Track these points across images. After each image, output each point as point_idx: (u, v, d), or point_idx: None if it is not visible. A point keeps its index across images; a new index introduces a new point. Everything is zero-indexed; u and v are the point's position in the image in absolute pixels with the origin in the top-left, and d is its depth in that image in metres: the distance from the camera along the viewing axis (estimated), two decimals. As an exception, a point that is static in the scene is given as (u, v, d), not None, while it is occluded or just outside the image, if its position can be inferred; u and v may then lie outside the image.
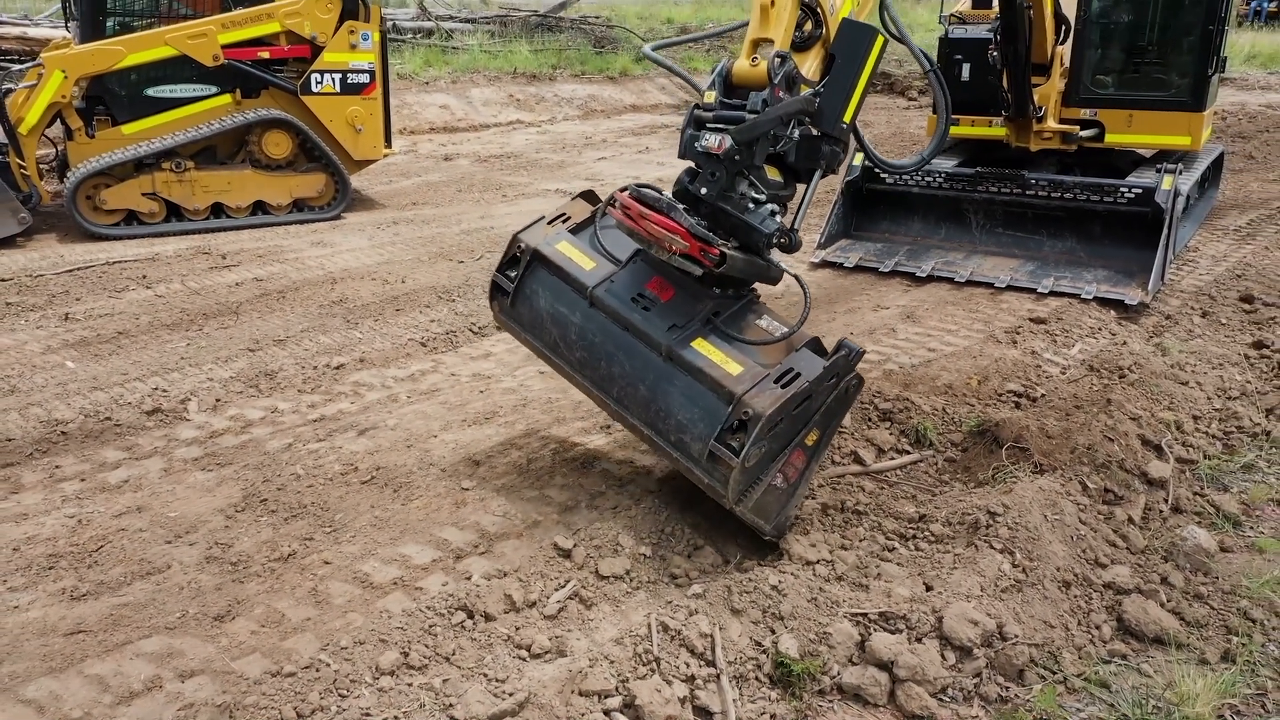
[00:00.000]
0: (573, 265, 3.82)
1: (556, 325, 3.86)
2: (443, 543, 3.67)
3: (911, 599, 3.40)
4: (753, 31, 3.74)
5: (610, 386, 3.70)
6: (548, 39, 19.00)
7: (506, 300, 4.03)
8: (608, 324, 3.70)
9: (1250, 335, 6.05)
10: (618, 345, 3.66)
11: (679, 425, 3.47)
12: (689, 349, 3.48)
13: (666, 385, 3.52)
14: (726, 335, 3.53)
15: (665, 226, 3.39)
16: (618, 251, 3.82)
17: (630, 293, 3.68)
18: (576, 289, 3.78)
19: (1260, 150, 12.50)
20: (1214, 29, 7.17)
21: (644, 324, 3.58)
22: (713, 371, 3.42)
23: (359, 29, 8.57)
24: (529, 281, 3.95)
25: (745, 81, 3.65)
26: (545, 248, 3.90)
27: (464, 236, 8.16)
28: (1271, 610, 3.60)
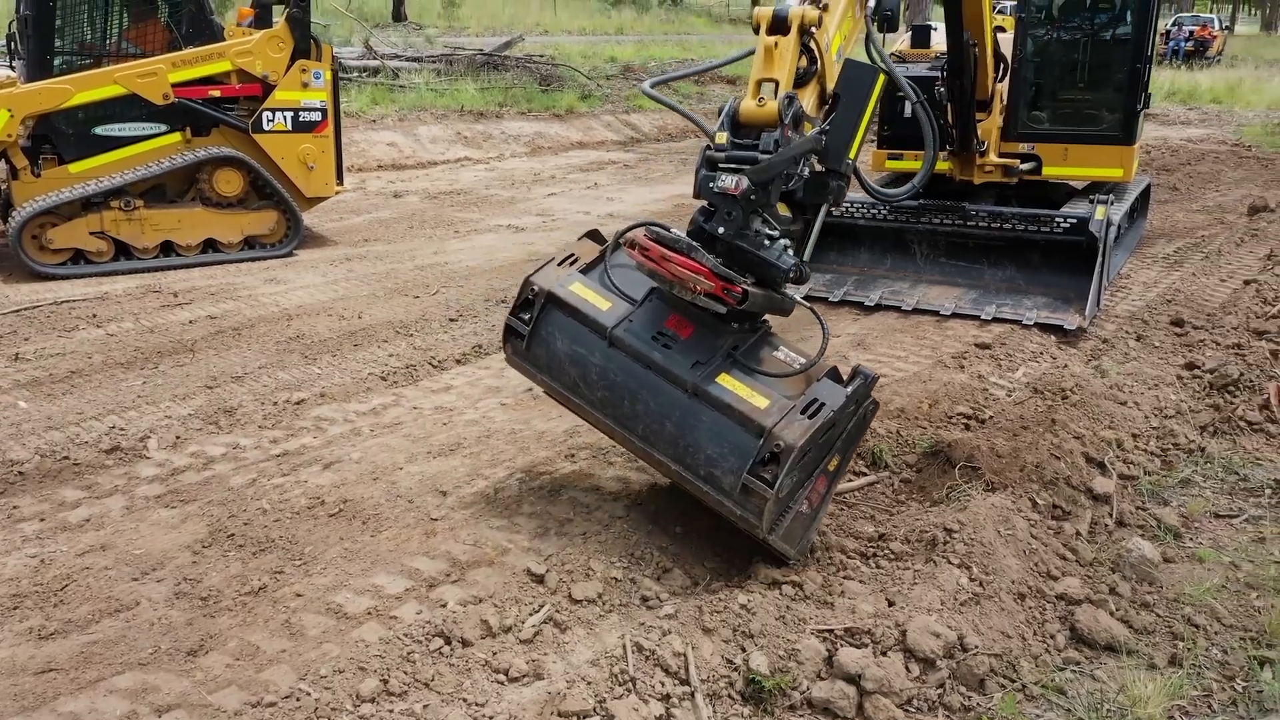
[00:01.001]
0: (589, 306, 3.86)
1: (575, 366, 3.89)
2: (414, 572, 3.71)
3: (875, 614, 3.51)
4: (757, 72, 3.83)
5: (635, 424, 3.75)
6: (493, 77, 19.16)
7: (521, 343, 4.05)
8: (629, 363, 3.75)
9: (1182, 357, 6.33)
10: (641, 383, 3.72)
11: (709, 459, 3.54)
12: (715, 384, 3.56)
13: (694, 421, 3.58)
14: (748, 368, 3.62)
15: (689, 268, 3.46)
16: (631, 290, 3.88)
17: (650, 331, 3.74)
18: (595, 330, 3.83)
19: (1183, 182, 13.06)
20: (1141, 67, 7.56)
21: (667, 362, 3.66)
22: (740, 406, 3.50)
23: (311, 68, 8.62)
24: (544, 324, 3.97)
25: (752, 121, 3.73)
26: (559, 290, 3.93)
27: (418, 272, 8.20)
28: (1213, 616, 3.78)
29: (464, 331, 6.69)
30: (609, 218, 10.61)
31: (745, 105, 3.75)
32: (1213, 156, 15.19)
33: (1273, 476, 4.94)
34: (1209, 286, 7.87)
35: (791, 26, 3.82)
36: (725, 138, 3.70)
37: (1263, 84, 25.17)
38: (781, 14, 3.82)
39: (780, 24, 3.83)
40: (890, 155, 8.53)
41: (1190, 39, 35.23)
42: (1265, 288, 7.39)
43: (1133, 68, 7.62)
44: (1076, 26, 8.01)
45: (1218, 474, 5.00)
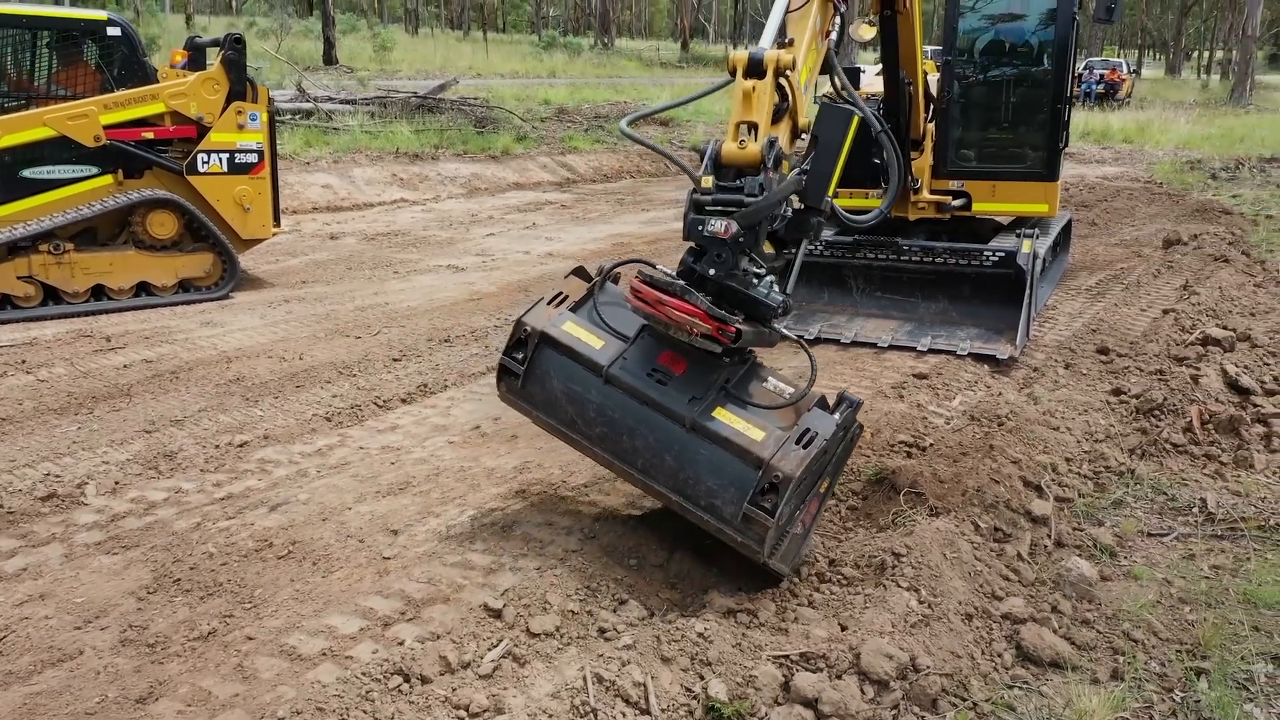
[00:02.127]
0: (582, 345, 3.98)
1: (572, 403, 3.99)
2: (369, 611, 3.67)
3: (829, 639, 3.57)
4: (736, 115, 3.95)
5: (634, 458, 3.86)
6: (428, 119, 19.20)
7: (516, 381, 4.13)
8: (626, 400, 3.87)
9: (1109, 384, 6.57)
10: (639, 419, 3.84)
11: (709, 491, 3.69)
12: (712, 419, 3.71)
13: (693, 455, 3.73)
14: (741, 401, 3.77)
15: (685, 311, 3.59)
16: (621, 326, 4.01)
17: (644, 368, 3.87)
18: (590, 368, 3.94)
19: (1101, 217, 13.59)
20: (1061, 107, 7.91)
21: (664, 399, 3.79)
22: (738, 439, 3.65)
23: (247, 109, 8.57)
24: (539, 363, 4.07)
25: (734, 163, 3.89)
26: (552, 330, 4.03)
27: (359, 313, 8.15)
28: (1150, 631, 3.92)
29: (408, 371, 6.66)
30: (549, 257, 10.67)
31: (727, 148, 3.89)
32: (1127, 193, 15.83)
33: (1198, 496, 5.15)
34: (1130, 316, 8.20)
35: (768, 70, 3.96)
36: (711, 181, 3.83)
37: (1170, 124, 26.37)
38: (757, 58, 3.97)
39: (756, 67, 3.97)
40: None
41: (1101, 82, 36.81)
42: (1183, 316, 7.71)
43: (1054, 108, 7.96)
44: (998, 69, 8.36)
45: (1147, 494, 5.19)
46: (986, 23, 8.45)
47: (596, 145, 20.02)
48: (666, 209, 14.44)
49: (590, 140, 20.39)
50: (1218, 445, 5.74)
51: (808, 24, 4.47)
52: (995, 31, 8.47)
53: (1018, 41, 8.47)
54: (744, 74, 4.00)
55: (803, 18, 4.49)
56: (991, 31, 8.48)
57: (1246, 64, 39.37)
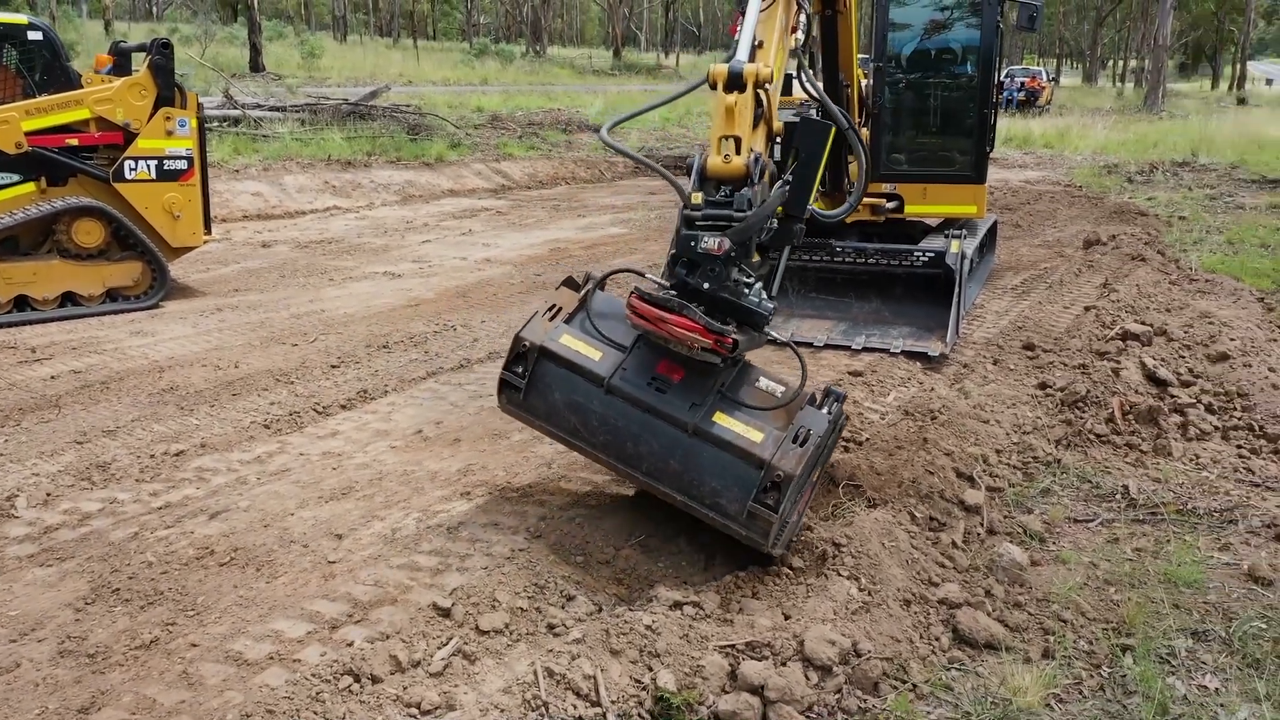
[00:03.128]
0: (582, 358, 4.12)
1: (575, 413, 4.14)
2: (315, 615, 3.65)
3: (774, 628, 3.65)
4: (719, 129, 4.05)
5: (639, 463, 4.04)
6: (360, 127, 19.00)
7: (518, 395, 4.25)
8: (628, 409, 4.03)
9: (1035, 378, 6.80)
10: (642, 427, 4.01)
11: (714, 491, 3.90)
12: (712, 424, 3.91)
13: (696, 458, 3.93)
14: (738, 404, 3.97)
15: (685, 327, 3.76)
16: (616, 335, 4.16)
17: (644, 378, 4.04)
18: (591, 380, 4.08)
19: (1025, 220, 14.02)
20: (988, 111, 8.17)
21: (665, 406, 3.97)
22: (739, 442, 3.86)
23: (176, 115, 8.42)
24: (540, 376, 4.21)
25: (719, 177, 4.01)
26: (550, 344, 4.17)
27: (294, 320, 8.06)
28: (1078, 611, 4.08)
29: (347, 377, 6.61)
30: (486, 263, 10.66)
31: (712, 162, 4.00)
32: (1049, 196, 16.35)
33: (1121, 483, 5.37)
34: (1054, 313, 8.48)
35: (748, 84, 4.07)
36: (700, 197, 3.95)
37: (1088, 130, 27.23)
38: (737, 71, 4.07)
39: (736, 80, 4.06)
40: None
41: (1022, 89, 37.88)
42: (1103, 313, 8.00)
43: (980, 113, 8.22)
44: (926, 76, 8.60)
45: (1073, 483, 5.39)
46: (915, 31, 8.70)
47: (531, 152, 20.02)
48: (603, 214, 14.51)
49: (525, 147, 20.38)
50: (1138, 435, 5.99)
51: (774, 24, 4.65)
52: (923, 40, 8.72)
53: (945, 49, 8.74)
54: (724, 88, 4.09)
55: (769, 18, 4.66)
56: (919, 40, 8.73)
57: (1159, 72, 40.83)
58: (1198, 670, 3.73)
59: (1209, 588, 4.32)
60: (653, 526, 4.42)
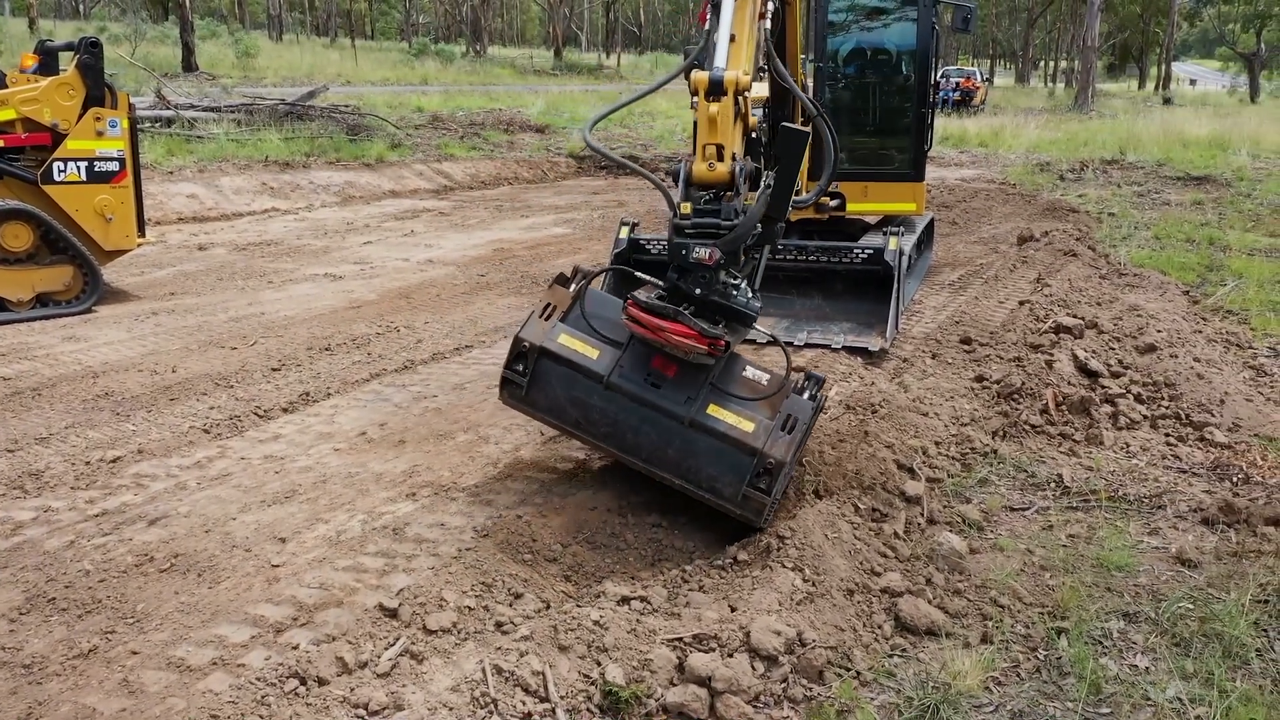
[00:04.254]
0: (580, 356, 4.39)
1: (576, 407, 4.42)
2: (259, 619, 3.61)
3: (720, 620, 3.70)
4: (703, 137, 4.19)
5: (638, 452, 4.34)
6: (298, 127, 18.73)
7: (519, 391, 4.52)
8: (627, 403, 4.32)
9: (972, 371, 6.95)
10: (640, 419, 4.31)
11: (710, 477, 4.24)
12: (706, 416, 4.22)
13: (693, 447, 4.25)
14: (729, 395, 4.27)
15: (681, 334, 4.04)
16: (611, 332, 4.42)
17: (640, 374, 4.32)
18: (590, 377, 4.36)
19: (961, 217, 14.30)
20: (926, 111, 8.33)
21: (662, 400, 4.27)
22: (732, 433, 4.19)
23: (106, 115, 8.23)
24: (541, 375, 4.47)
25: (705, 183, 4.19)
26: (549, 344, 4.43)
27: (233, 324, 7.93)
28: (1015, 597, 4.19)
29: (288, 380, 6.53)
30: (429, 264, 10.59)
31: (698, 169, 4.17)
32: (984, 194, 16.69)
33: (1055, 472, 5.51)
34: (990, 308, 8.67)
35: (728, 92, 4.20)
36: (689, 207, 4.16)
37: (1021, 130, 27.84)
38: (718, 79, 4.21)
39: (717, 88, 4.20)
40: None
41: (957, 89, 38.61)
42: (1037, 307, 8.20)
43: (918, 112, 8.38)
44: (865, 76, 8.74)
45: (1009, 472, 5.53)
46: (853, 32, 8.83)
47: (473, 152, 19.90)
48: (546, 214, 14.49)
49: (467, 147, 20.25)
50: (1071, 425, 6.15)
51: (745, 14, 4.73)
52: (861, 40, 8.86)
53: (882, 50, 8.89)
54: (705, 96, 4.20)
55: (740, 8, 4.72)
56: (858, 40, 8.87)
57: (1088, 73, 41.91)
58: (1129, 650, 3.85)
59: (1139, 571, 4.46)
60: (600, 524, 4.44)
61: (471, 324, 8.09)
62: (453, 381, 6.58)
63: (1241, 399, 6.53)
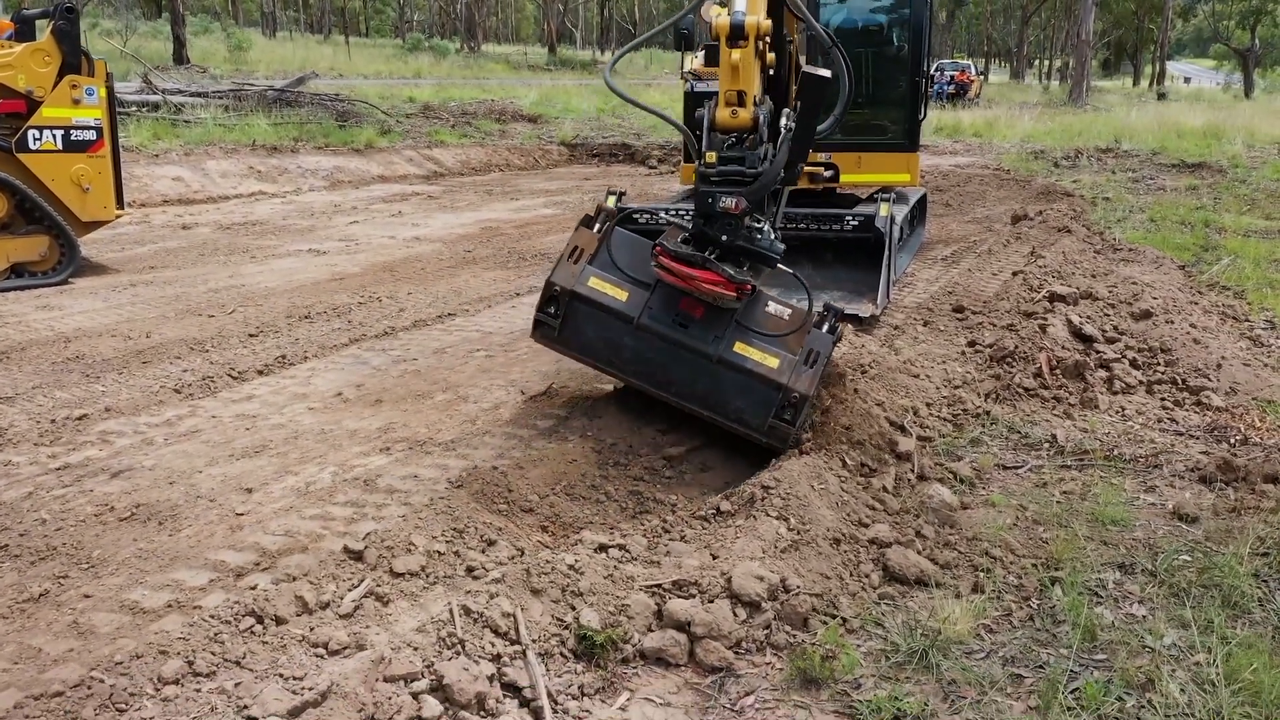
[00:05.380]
0: (609, 299, 4.52)
1: (607, 347, 4.59)
2: (219, 564, 3.46)
3: (701, 567, 3.55)
4: (725, 84, 4.22)
5: (668, 386, 4.53)
6: (287, 113, 18.56)
7: (552, 332, 4.66)
8: (656, 343, 4.48)
9: (964, 337, 6.82)
10: (670, 357, 4.48)
11: (738, 409, 4.42)
12: (733, 353, 4.39)
13: (720, 383, 4.42)
14: (754, 332, 4.43)
15: (711, 281, 4.18)
16: (638, 273, 4.53)
17: (669, 315, 4.45)
18: (621, 319, 4.50)
19: (955, 200, 14.18)
20: (920, 79, 8.19)
21: (690, 340, 4.42)
22: (758, 369, 4.36)
23: (83, 83, 8.07)
24: (572, 317, 4.60)
25: (728, 129, 4.25)
26: (580, 288, 4.54)
27: (212, 294, 7.77)
28: (1008, 549, 4.05)
29: (265, 345, 6.38)
30: (415, 241, 10.43)
31: (720, 116, 4.20)
32: (978, 179, 16.57)
33: (1049, 433, 5.38)
34: (983, 280, 8.54)
35: (749, 37, 4.21)
36: (715, 156, 4.21)
37: (1015, 121, 27.74)
38: (739, 24, 4.21)
39: (739, 32, 4.20)
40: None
41: (952, 83, 38.54)
42: (1031, 277, 8.07)
43: (912, 80, 8.24)
44: (860, 45, 8.59)
45: (1002, 433, 5.39)
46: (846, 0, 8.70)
47: (464, 139, 19.74)
48: (536, 198, 14.34)
49: (458, 135, 20.09)
50: (1065, 389, 6.02)
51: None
52: (853, 9, 8.72)
53: (875, 18, 8.75)
54: (727, 41, 4.16)
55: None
56: (849, 9, 8.73)
57: (1082, 67, 41.77)
58: (1125, 600, 3.72)
59: (1135, 525, 4.33)
60: (579, 476, 4.30)
61: (455, 294, 7.94)
62: (434, 346, 6.43)
63: (1239, 364, 6.40)
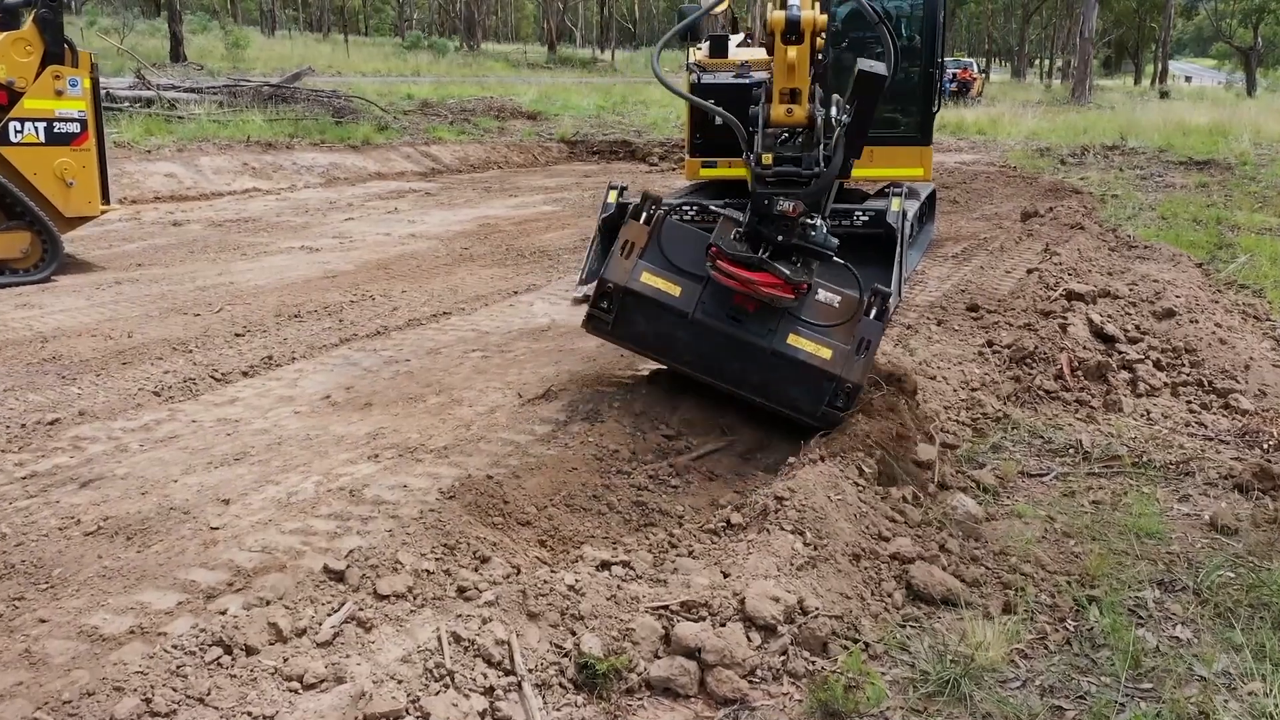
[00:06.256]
0: (663, 295, 4.55)
1: (661, 339, 4.66)
2: (189, 585, 3.19)
3: (711, 586, 3.29)
4: (780, 82, 4.18)
5: (721, 375, 4.62)
6: (282, 109, 18.29)
7: (605, 326, 4.71)
8: (711, 335, 4.52)
9: (981, 337, 6.55)
10: (723, 349, 4.54)
11: (792, 397, 4.53)
12: (787, 346, 4.45)
13: (774, 373, 4.52)
14: (806, 323, 4.46)
15: (769, 284, 4.20)
16: (689, 265, 4.53)
17: (723, 310, 4.47)
18: (675, 314, 4.53)
19: (963, 196, 13.91)
20: (934, 71, 7.91)
21: (744, 334, 4.47)
22: (812, 361, 4.44)
23: (66, 74, 7.80)
24: (627, 312, 4.64)
25: (782, 124, 4.26)
26: (633, 284, 4.56)
27: (200, 292, 7.50)
28: (1038, 564, 3.78)
29: (252, 345, 6.10)
30: (410, 238, 10.16)
31: (776, 114, 4.18)
32: (985, 176, 16.30)
33: (1074, 438, 5.11)
34: (996, 277, 8.27)
35: (805, 34, 4.12)
36: (771, 158, 4.19)
37: (1019, 119, 27.45)
38: (794, 19, 4.14)
39: (794, 28, 4.12)
40: (704, 164, 8.62)
41: (954, 80, 38.23)
42: (1046, 274, 7.80)
43: (926, 72, 7.96)
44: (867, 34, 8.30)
45: (1024, 438, 5.12)
46: None
47: (463, 136, 19.46)
48: (535, 195, 14.07)
49: (456, 132, 19.82)
50: (1088, 391, 5.75)
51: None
52: None
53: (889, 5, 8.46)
54: (782, 38, 4.07)
55: None
56: None
57: (1085, 65, 41.47)
58: (1168, 621, 3.45)
59: (1171, 538, 4.06)
60: (579, 486, 4.03)
61: (451, 292, 7.67)
62: (427, 346, 6.16)
63: (1268, 365, 6.13)
